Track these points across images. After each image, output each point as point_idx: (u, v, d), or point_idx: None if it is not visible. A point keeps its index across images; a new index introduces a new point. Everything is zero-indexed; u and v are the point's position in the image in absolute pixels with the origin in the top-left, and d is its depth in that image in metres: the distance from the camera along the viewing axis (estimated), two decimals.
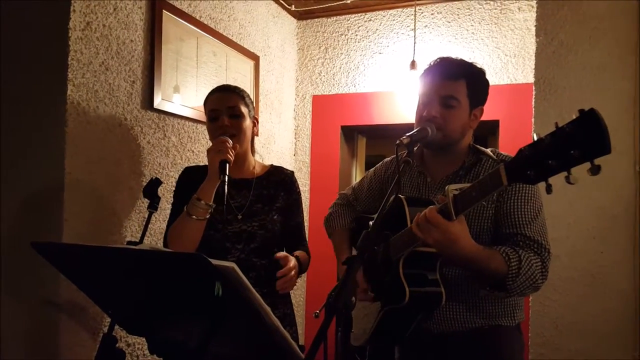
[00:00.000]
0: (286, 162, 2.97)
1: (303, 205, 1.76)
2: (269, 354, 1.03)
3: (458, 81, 1.33)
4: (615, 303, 1.83)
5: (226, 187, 1.40)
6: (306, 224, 2.90)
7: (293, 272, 1.49)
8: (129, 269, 1.00)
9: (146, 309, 1.12)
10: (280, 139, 2.96)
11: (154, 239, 1.93)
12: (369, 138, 3.37)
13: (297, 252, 1.62)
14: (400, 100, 2.83)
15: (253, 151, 1.70)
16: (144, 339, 1.78)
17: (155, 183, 1.56)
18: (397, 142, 1.25)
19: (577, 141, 0.87)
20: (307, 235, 1.76)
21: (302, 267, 1.58)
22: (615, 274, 1.84)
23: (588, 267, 1.88)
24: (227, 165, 1.42)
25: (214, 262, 0.84)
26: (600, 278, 1.87)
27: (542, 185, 0.96)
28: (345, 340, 0.98)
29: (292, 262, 1.49)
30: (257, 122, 1.66)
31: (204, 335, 1.01)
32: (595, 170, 0.86)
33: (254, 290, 0.89)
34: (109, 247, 1.01)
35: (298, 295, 3.02)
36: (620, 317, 1.82)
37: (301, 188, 1.77)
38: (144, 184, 1.70)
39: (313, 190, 3.06)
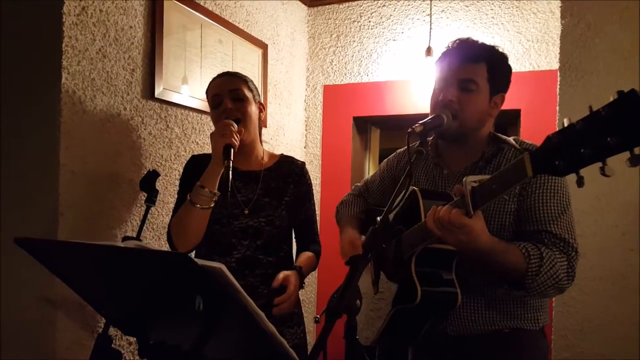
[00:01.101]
0: (296, 155, 2.87)
1: (314, 198, 1.67)
2: (264, 358, 0.95)
3: (478, 64, 1.24)
4: None
5: (231, 173, 1.31)
6: (317, 218, 2.82)
7: (293, 298, 1.41)
8: (115, 267, 0.94)
9: (136, 310, 1.05)
10: (290, 131, 2.87)
11: (156, 234, 1.86)
12: (383, 129, 3.26)
13: (302, 259, 1.53)
14: (415, 89, 2.71)
15: (261, 140, 1.61)
16: None
17: (153, 175, 1.49)
18: (409, 130, 1.16)
19: (615, 127, 0.75)
20: (318, 230, 1.68)
21: (303, 278, 1.50)
22: None
23: (617, 266, 1.77)
24: (232, 149, 1.34)
25: (200, 262, 0.76)
26: (630, 278, 1.75)
27: (569, 178, 0.85)
28: (350, 347, 0.89)
29: (292, 285, 1.41)
30: (264, 109, 1.57)
31: (195, 339, 0.94)
32: (635, 160, 0.74)
33: (244, 293, 0.80)
34: (91, 244, 0.94)
35: (309, 292, 2.93)
36: None
37: (312, 181, 1.68)
38: None
39: (324, 184, 2.97)
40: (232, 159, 1.32)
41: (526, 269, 1.10)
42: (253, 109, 1.50)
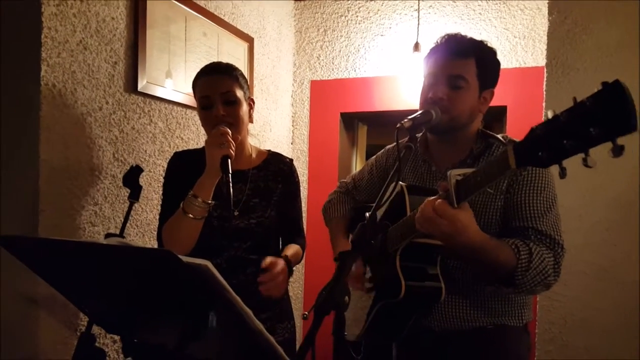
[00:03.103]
0: (283, 151, 2.86)
1: (301, 195, 1.65)
2: (252, 356, 0.93)
3: (467, 60, 1.23)
4: (628, 299, 1.74)
5: (231, 188, 1.25)
6: (304, 214, 2.81)
7: (281, 278, 1.38)
8: (98, 265, 0.91)
9: (121, 308, 1.02)
10: (276, 127, 2.84)
11: (140, 231, 1.83)
12: (370, 126, 3.25)
13: (289, 250, 1.52)
14: (403, 85, 2.70)
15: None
16: None
17: (136, 171, 1.45)
18: (398, 125, 1.15)
19: (598, 117, 0.75)
20: (305, 226, 1.66)
21: (291, 267, 1.48)
22: (629, 268, 1.75)
23: (600, 260, 1.79)
24: (229, 161, 1.28)
25: (185, 259, 0.73)
26: (613, 272, 1.78)
27: (555, 174, 0.85)
28: (338, 342, 0.88)
29: (279, 266, 1.38)
30: (254, 104, 1.52)
31: (180, 337, 0.92)
32: (617, 150, 0.74)
33: (231, 291, 0.78)
34: (73, 242, 0.91)
35: (296, 288, 2.92)
36: (633, 314, 1.72)
37: (299, 178, 1.66)
38: None
39: (311, 180, 2.95)
40: (230, 172, 1.27)
41: (516, 265, 1.10)
42: (244, 109, 1.43)
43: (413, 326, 1.26)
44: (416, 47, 2.50)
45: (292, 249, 1.54)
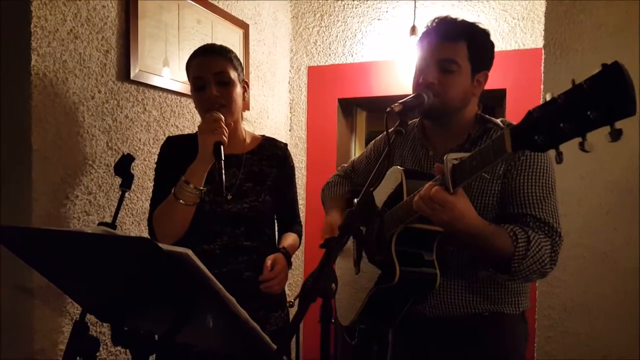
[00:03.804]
0: (281, 138, 2.81)
1: (299, 182, 1.64)
2: (239, 344, 0.93)
3: (458, 43, 1.20)
4: (629, 283, 1.73)
5: (223, 175, 1.25)
6: (302, 202, 2.81)
7: (282, 275, 1.39)
8: (84, 253, 0.91)
9: (109, 296, 1.02)
10: (274, 114, 2.82)
11: (136, 219, 1.83)
12: (369, 111, 3.22)
13: (286, 241, 1.51)
14: (401, 70, 2.67)
15: (242, 118, 1.55)
16: None
17: (127, 159, 1.44)
18: (387, 110, 1.13)
19: (596, 100, 0.73)
20: (304, 213, 1.65)
21: (290, 259, 1.47)
22: (629, 252, 1.73)
23: (600, 245, 1.77)
24: (222, 147, 1.27)
25: (165, 247, 0.73)
26: (613, 257, 1.76)
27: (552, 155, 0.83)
28: (325, 331, 0.87)
29: (280, 265, 1.39)
30: (248, 87, 1.50)
31: (167, 325, 0.92)
32: (615, 134, 0.72)
33: (213, 279, 0.78)
34: (58, 231, 0.91)
35: (295, 275, 2.93)
36: (634, 299, 1.70)
37: (297, 165, 1.66)
38: None
39: (310, 167, 2.93)
40: (222, 158, 1.26)
41: (513, 252, 1.09)
42: (238, 91, 1.42)
43: (408, 312, 1.25)
44: (413, 30, 2.46)
45: (289, 239, 1.53)
